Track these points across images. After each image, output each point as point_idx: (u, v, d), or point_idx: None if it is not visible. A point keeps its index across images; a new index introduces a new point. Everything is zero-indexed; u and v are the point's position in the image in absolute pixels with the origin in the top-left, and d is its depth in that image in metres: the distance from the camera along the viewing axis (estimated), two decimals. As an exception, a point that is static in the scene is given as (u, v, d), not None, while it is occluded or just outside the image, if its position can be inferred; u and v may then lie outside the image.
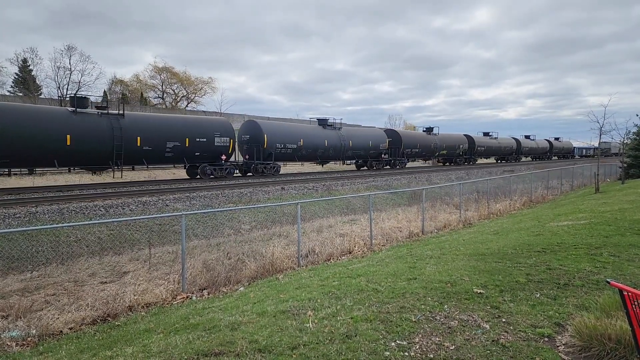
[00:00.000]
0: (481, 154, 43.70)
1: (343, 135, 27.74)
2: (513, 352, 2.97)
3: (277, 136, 23.20)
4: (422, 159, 37.91)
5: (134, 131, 17.58)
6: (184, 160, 19.80)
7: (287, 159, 25.00)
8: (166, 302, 6.08)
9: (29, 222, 10.69)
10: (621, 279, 4.45)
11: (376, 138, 30.73)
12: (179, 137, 19.00)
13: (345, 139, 27.69)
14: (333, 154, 27.38)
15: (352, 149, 28.32)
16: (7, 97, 34.22)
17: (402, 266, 5.85)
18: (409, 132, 37.89)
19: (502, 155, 48.47)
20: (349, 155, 28.96)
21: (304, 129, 26.44)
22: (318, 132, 26.68)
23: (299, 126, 27.29)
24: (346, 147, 27.70)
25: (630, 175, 21.56)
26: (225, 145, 20.87)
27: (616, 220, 8.13)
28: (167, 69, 49.77)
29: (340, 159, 28.94)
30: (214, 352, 3.18)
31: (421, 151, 35.08)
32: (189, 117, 22.63)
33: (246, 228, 12.29)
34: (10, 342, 4.81)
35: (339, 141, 27.29)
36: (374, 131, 32.93)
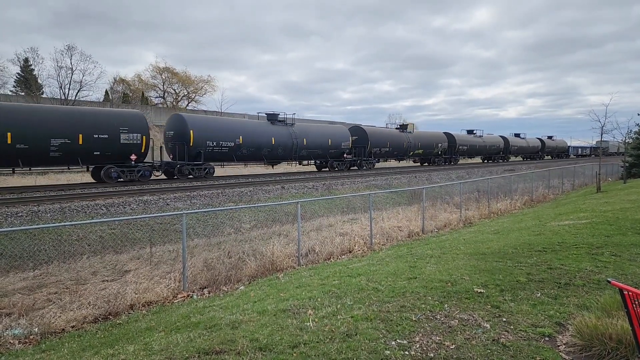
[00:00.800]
0: (463, 153, 40.59)
1: (295, 133, 23.97)
2: (513, 352, 2.97)
3: (208, 132, 19.74)
4: (395, 159, 33.98)
5: (2, 126, 14.29)
6: (78, 161, 16.31)
7: (222, 159, 21.27)
8: (167, 301, 6.10)
9: (31, 221, 10.73)
10: (622, 278, 4.45)
11: (337, 136, 27.08)
12: (68, 133, 15.52)
13: (297, 136, 23.92)
14: (283, 154, 23.48)
15: (307, 147, 24.61)
16: (9, 97, 34.30)
17: (403, 265, 5.85)
18: (378, 129, 33.41)
19: (488, 154, 45.36)
20: (304, 155, 25.05)
21: (244, 124, 22.67)
22: (264, 128, 22.87)
23: (236, 121, 23.33)
24: (299, 145, 23.94)
25: (632, 174, 21.51)
26: (135, 143, 17.16)
27: (618, 220, 8.12)
28: (168, 68, 49.80)
29: (293, 159, 24.70)
30: (215, 350, 3.19)
31: (392, 150, 31.34)
32: (86, 108, 18.49)
33: (246, 227, 12.30)
34: (12, 340, 4.84)
35: (290, 139, 23.47)
36: (334, 128, 28.81)
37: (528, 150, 52.88)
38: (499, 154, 46.61)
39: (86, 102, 37.23)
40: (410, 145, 33.11)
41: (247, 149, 21.44)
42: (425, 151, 35.28)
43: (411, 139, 33.28)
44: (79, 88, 38.20)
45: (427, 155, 36.05)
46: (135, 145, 17.32)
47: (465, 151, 40.58)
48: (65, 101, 36.88)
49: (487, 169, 33.93)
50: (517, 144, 49.29)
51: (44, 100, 34.60)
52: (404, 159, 34.46)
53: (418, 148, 34.10)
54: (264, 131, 22.69)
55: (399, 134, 32.79)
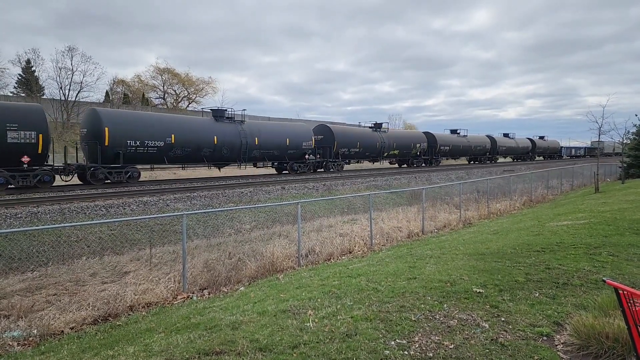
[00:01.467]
0: (445, 154, 38.14)
1: (245, 131, 21.25)
2: (512, 351, 2.99)
3: (129, 130, 16.96)
4: (368, 160, 31.08)
5: None
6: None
7: (150, 161, 18.58)
8: (167, 302, 6.11)
9: (31, 222, 10.73)
10: (620, 278, 4.47)
11: (297, 135, 24.16)
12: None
13: (247, 135, 21.24)
14: (228, 155, 20.68)
15: (259, 148, 21.93)
16: (10, 98, 34.30)
17: (402, 266, 5.87)
18: (346, 128, 30.32)
19: (473, 155, 42.94)
20: (256, 156, 22.27)
21: (177, 121, 19.52)
22: (204, 125, 20.26)
23: (168, 117, 20.24)
24: (250, 145, 21.30)
25: (630, 175, 21.57)
26: (27, 143, 14.41)
27: (615, 220, 8.15)
28: (168, 69, 49.85)
29: (242, 161, 21.65)
30: (215, 351, 3.20)
31: (363, 151, 28.74)
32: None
33: (247, 228, 12.31)
34: (12, 342, 4.84)
35: (238, 138, 20.81)
36: (294, 126, 25.59)
37: (518, 151, 50.87)
38: (485, 154, 44.49)
39: (86, 103, 37.23)
40: (385, 145, 30.36)
41: (182, 149, 18.69)
42: (402, 152, 32.66)
43: (385, 138, 30.50)
44: (79, 89, 38.25)
45: (404, 156, 33.48)
46: (28, 146, 14.48)
47: (448, 152, 38.19)
48: (66, 102, 36.88)
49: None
50: (505, 144, 47.20)
51: (44, 101, 34.58)
52: (378, 160, 31.57)
53: (393, 148, 31.43)
54: (204, 129, 19.88)
55: (371, 134, 30.09)
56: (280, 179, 21.20)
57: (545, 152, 58.33)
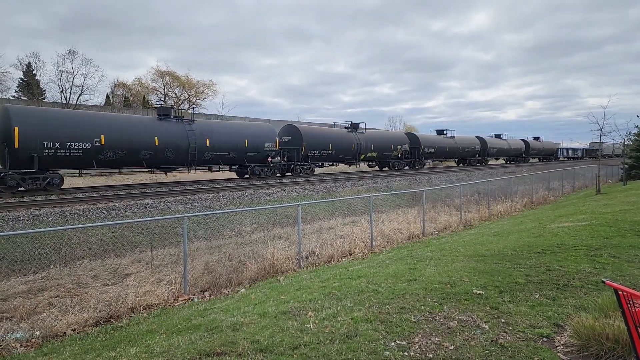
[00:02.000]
0: (430, 156, 36.29)
1: (194, 131, 19.26)
2: (512, 352, 3.00)
3: (45, 130, 14.82)
4: (343, 162, 29.12)
5: None
6: None
7: (76, 165, 16.65)
8: (168, 304, 6.13)
9: (33, 225, 10.77)
10: (620, 279, 4.48)
11: (258, 136, 22.18)
12: None
13: (197, 135, 19.28)
14: (173, 157, 18.60)
15: (211, 150, 19.87)
16: (11, 101, 34.47)
17: (403, 267, 5.88)
18: (316, 129, 27.84)
19: (461, 157, 40.89)
20: (208, 159, 20.14)
21: (109, 120, 17.28)
22: (144, 125, 18.10)
23: (96, 116, 17.74)
24: (200, 147, 19.38)
25: (631, 176, 21.54)
26: None
27: (617, 222, 8.15)
28: (168, 72, 50.03)
29: (192, 164, 19.53)
30: (216, 352, 3.22)
31: (336, 153, 26.71)
32: None
33: (247, 230, 12.34)
34: (14, 344, 4.86)
35: (185, 139, 18.78)
36: (254, 127, 23.34)
37: (510, 153, 48.77)
38: (474, 156, 42.24)
39: (87, 106, 37.40)
40: (361, 147, 28.32)
41: (115, 151, 16.56)
42: (381, 154, 30.44)
43: (362, 139, 28.51)
44: (80, 92, 38.43)
45: (384, 158, 31.25)
46: None
47: (433, 154, 36.17)
48: (67, 105, 37.05)
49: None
50: (496, 146, 45.09)
51: (45, 104, 34.76)
52: (354, 162, 29.39)
53: (371, 150, 29.31)
54: (142, 129, 17.75)
55: (345, 134, 28.11)
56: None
57: (540, 153, 56.66)
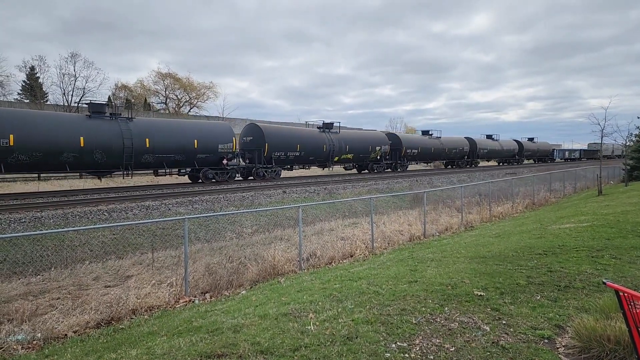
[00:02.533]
0: (414, 157, 33.99)
1: (132, 131, 16.98)
2: (513, 354, 2.99)
3: None
4: (315, 165, 26.56)
5: None
6: None
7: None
8: (169, 306, 6.13)
9: (34, 227, 10.80)
10: (622, 281, 4.47)
11: (210, 136, 19.88)
12: None
13: (134, 135, 16.96)
14: (104, 160, 16.44)
15: (152, 151, 17.57)
16: (14, 104, 34.63)
17: (403, 269, 5.87)
18: (282, 129, 25.52)
19: (448, 159, 39.06)
20: (149, 162, 17.81)
21: (17, 117, 14.91)
22: (65, 123, 15.98)
23: (3, 112, 15.24)
24: (138, 148, 17.09)
25: (633, 177, 21.49)
26: None
27: (618, 223, 8.13)
28: (170, 74, 50.20)
29: (128, 167, 17.19)
30: (217, 354, 3.22)
31: (305, 155, 24.39)
32: None
33: (248, 232, 12.34)
34: (16, 346, 4.87)
35: (119, 139, 16.58)
36: (205, 126, 21.13)
37: (502, 154, 46.90)
38: (462, 158, 40.35)
39: (87, 109, 37.46)
40: (334, 148, 26.03)
41: (28, 153, 14.47)
42: (358, 155, 28.32)
43: (335, 140, 26.19)
44: (81, 95, 38.60)
45: (361, 160, 29.05)
46: None
47: (417, 155, 33.99)
48: (69, 107, 37.19)
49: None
50: (486, 147, 43.03)
51: (47, 107, 34.89)
52: (327, 165, 26.83)
53: (346, 152, 27.08)
54: (66, 128, 15.66)
55: (317, 135, 25.69)
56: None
57: (534, 154, 55.07)
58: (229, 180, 21.06)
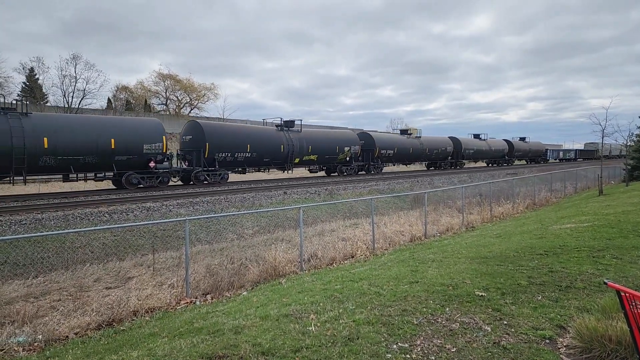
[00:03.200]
0: (389, 159, 30.63)
1: (23, 128, 14.38)
2: (514, 354, 2.99)
3: None
4: (274, 167, 23.92)
5: None
6: None
7: None
8: (170, 307, 6.13)
9: (35, 229, 10.81)
10: (623, 281, 4.46)
11: (131, 135, 17.06)
12: None
13: (28, 133, 14.45)
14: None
15: (52, 153, 15.03)
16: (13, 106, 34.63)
17: (404, 270, 5.87)
18: (229, 126, 22.43)
19: (430, 160, 36.02)
20: (50, 166, 15.22)
21: None
22: None
23: None
24: (34, 149, 14.57)
25: (634, 177, 21.46)
26: None
27: (619, 223, 8.12)
28: (170, 75, 50.27)
29: (17, 172, 14.74)
30: (218, 355, 3.22)
31: (258, 157, 21.66)
32: None
33: (249, 233, 12.35)
34: (17, 348, 4.87)
35: (7, 138, 14.08)
36: (125, 123, 18.00)
37: (490, 155, 44.00)
38: (445, 159, 37.62)
39: (88, 110, 37.60)
40: (294, 148, 23.08)
41: None
42: (323, 157, 25.31)
43: (296, 140, 23.25)
44: (82, 96, 38.69)
45: (327, 162, 26.04)
46: None
47: (392, 156, 30.83)
48: (69, 109, 37.26)
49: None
50: (472, 147, 40.30)
51: (48, 108, 34.94)
52: (286, 167, 23.64)
53: (308, 153, 23.98)
54: None
55: (272, 134, 22.71)
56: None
57: (526, 155, 52.18)
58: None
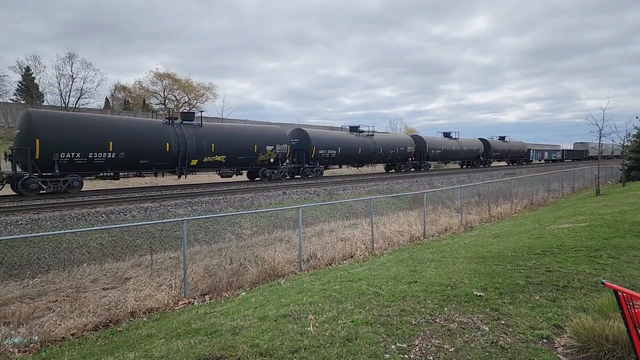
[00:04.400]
0: (331, 161, 25.46)
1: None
2: (512, 354, 2.99)
3: None
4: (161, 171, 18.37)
5: None
6: None
7: None
8: (168, 308, 6.10)
9: (31, 229, 10.74)
10: (620, 280, 4.47)
11: None
12: None
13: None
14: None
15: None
16: (10, 105, 34.52)
17: (403, 270, 5.87)
18: (80, 117, 17.41)
19: (387, 162, 31.25)
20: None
21: None
22: None
23: None
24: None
25: (631, 177, 21.57)
26: None
27: (616, 223, 8.14)
28: (168, 75, 50.10)
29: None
30: (216, 356, 3.20)
31: (134, 157, 16.73)
32: None
33: (247, 233, 12.32)
34: (12, 349, 4.83)
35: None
36: None
37: (462, 155, 39.02)
38: (406, 160, 32.31)
39: (86, 109, 37.45)
40: (189, 147, 17.84)
41: None
42: (235, 158, 20.02)
43: (191, 137, 18.04)
44: (79, 95, 38.51)
45: (242, 164, 20.54)
46: None
47: (336, 157, 25.34)
48: (66, 108, 37.09)
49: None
50: (439, 147, 35.13)
51: (44, 108, 34.78)
52: (177, 171, 18.16)
53: (212, 152, 18.79)
54: None
55: (154, 128, 17.32)
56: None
57: (505, 155, 47.04)
58: None
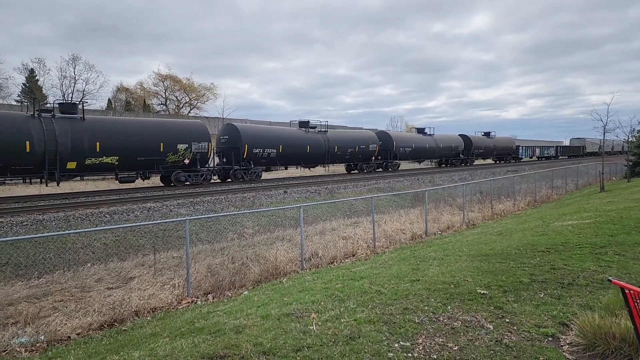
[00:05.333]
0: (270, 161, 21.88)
1: None
2: (517, 352, 2.97)
3: None
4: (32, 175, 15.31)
5: None
6: None
7: None
8: (171, 307, 6.13)
9: (36, 230, 10.81)
10: (626, 277, 4.44)
11: None
12: None
13: None
14: None
15: None
16: (14, 107, 34.71)
17: (406, 268, 5.85)
18: None
19: (346, 162, 27.49)
20: None
21: None
22: None
23: None
24: None
25: (635, 173, 21.40)
26: None
27: (621, 219, 8.08)
28: (170, 76, 50.23)
29: None
30: (219, 355, 3.21)
31: None
32: None
33: (249, 232, 12.34)
34: (19, 348, 4.88)
35: None
36: None
37: (437, 154, 34.83)
38: (369, 160, 28.06)
39: (89, 111, 37.56)
40: (54, 145, 14.78)
41: None
42: (130, 159, 17.27)
43: (64, 133, 15.16)
44: (81, 97, 38.69)
45: (141, 166, 17.41)
46: None
47: (276, 158, 22.02)
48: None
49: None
50: (409, 145, 31.02)
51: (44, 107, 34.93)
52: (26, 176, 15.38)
53: (98, 153, 15.99)
54: None
55: (8, 122, 14.12)
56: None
57: (489, 153, 42.18)
58: None
